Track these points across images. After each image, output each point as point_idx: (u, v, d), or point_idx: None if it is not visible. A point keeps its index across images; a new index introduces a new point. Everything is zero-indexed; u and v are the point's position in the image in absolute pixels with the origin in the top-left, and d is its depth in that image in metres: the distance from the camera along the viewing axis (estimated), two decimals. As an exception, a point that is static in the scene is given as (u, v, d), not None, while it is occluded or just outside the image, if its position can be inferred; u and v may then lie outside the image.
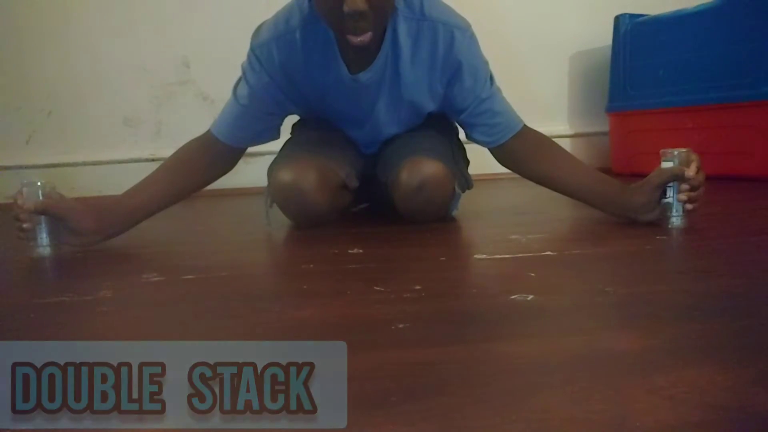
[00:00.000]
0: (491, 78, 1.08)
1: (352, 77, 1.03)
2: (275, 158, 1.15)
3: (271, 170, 1.11)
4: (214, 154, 1.09)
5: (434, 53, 1.02)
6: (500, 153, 1.11)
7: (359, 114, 1.12)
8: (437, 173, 1.04)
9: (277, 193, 1.09)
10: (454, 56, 1.02)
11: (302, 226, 1.14)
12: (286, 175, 1.06)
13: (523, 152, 1.10)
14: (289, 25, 1.01)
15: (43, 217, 0.94)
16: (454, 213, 1.18)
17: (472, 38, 1.05)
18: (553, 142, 1.13)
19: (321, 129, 1.19)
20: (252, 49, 1.04)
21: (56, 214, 0.94)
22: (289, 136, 1.27)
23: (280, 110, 1.11)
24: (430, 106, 1.11)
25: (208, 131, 1.09)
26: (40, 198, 0.93)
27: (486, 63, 1.08)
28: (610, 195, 1.03)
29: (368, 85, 1.05)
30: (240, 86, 1.07)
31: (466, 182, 1.20)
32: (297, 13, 1.01)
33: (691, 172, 0.91)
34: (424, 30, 1.01)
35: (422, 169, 1.04)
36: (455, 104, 1.08)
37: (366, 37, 0.91)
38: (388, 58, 1.03)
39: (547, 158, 1.09)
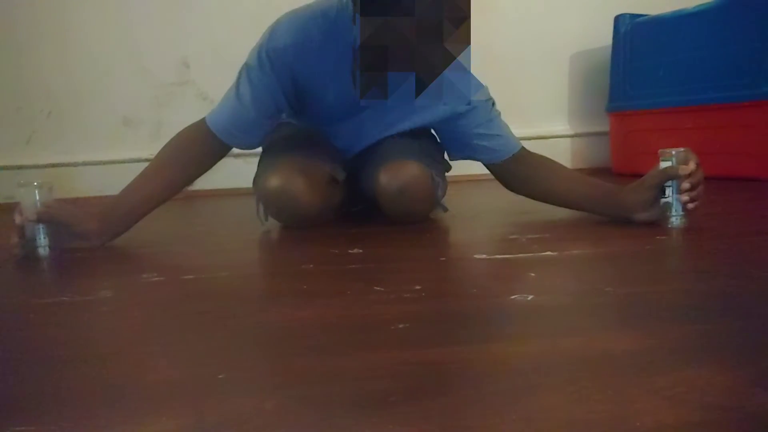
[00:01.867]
0: (492, 103, 1.11)
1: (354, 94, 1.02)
2: (258, 169, 1.13)
3: (258, 180, 1.10)
4: (209, 147, 1.06)
5: None
6: (499, 172, 1.16)
7: (350, 115, 1.12)
8: (415, 174, 1.05)
9: (268, 203, 1.09)
10: None
11: (299, 228, 1.14)
12: (273, 183, 1.05)
13: (521, 174, 1.14)
14: (310, 34, 0.98)
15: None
16: (444, 201, 1.17)
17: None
18: (548, 159, 1.15)
19: (294, 127, 1.20)
20: (266, 51, 0.98)
21: (60, 221, 0.94)
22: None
23: (276, 111, 1.10)
24: (418, 121, 1.13)
25: (204, 123, 1.05)
26: (37, 198, 0.93)
27: (486, 91, 1.10)
28: (606, 197, 1.04)
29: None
30: (242, 83, 1.02)
31: (444, 168, 1.21)
32: (321, 21, 0.98)
33: (688, 170, 0.91)
34: None
35: (400, 173, 1.04)
36: (456, 132, 1.12)
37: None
38: None
39: (544, 178, 1.13)
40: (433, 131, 1.22)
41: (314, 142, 1.17)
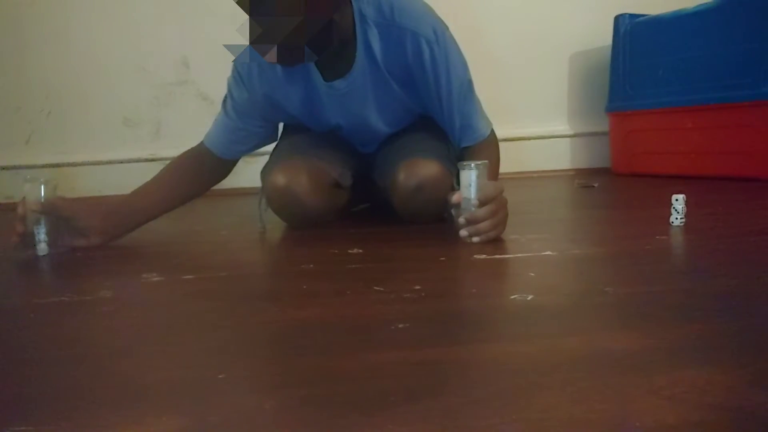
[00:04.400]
0: (469, 82, 1.07)
1: (327, 85, 1.04)
2: (267, 162, 1.16)
3: (264, 174, 1.12)
4: (209, 165, 1.13)
5: (404, 61, 1.02)
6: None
7: (352, 120, 1.12)
8: (434, 173, 1.04)
9: (271, 199, 1.10)
10: (420, 66, 1.01)
11: (299, 228, 1.14)
12: (278, 180, 1.06)
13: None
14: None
15: (42, 216, 0.94)
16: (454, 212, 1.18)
17: (446, 45, 1.01)
18: (493, 156, 1.09)
19: (311, 129, 1.20)
20: (234, 66, 1.07)
21: (64, 214, 0.94)
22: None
23: (269, 122, 1.13)
24: (415, 106, 1.11)
25: (202, 143, 1.13)
26: (42, 194, 0.93)
27: (463, 65, 1.05)
28: None
29: (348, 92, 1.05)
30: (227, 101, 1.11)
31: None
32: None
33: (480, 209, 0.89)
34: (393, 36, 1.00)
35: (419, 170, 1.04)
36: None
37: (270, 57, 0.93)
38: (365, 64, 1.02)
39: None
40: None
41: (329, 142, 1.17)
